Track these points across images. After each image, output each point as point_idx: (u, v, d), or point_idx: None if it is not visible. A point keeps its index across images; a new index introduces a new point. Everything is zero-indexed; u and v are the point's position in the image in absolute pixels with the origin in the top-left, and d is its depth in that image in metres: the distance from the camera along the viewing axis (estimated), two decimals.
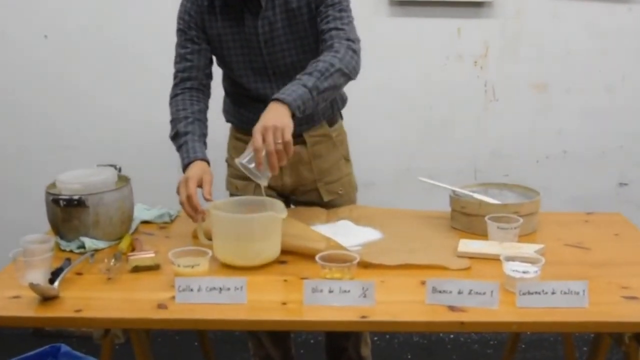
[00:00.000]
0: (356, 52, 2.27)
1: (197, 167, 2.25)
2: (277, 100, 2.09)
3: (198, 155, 2.29)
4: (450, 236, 2.32)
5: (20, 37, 3.49)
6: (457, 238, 2.26)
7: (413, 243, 2.25)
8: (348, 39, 2.26)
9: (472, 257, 2.11)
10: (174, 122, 2.39)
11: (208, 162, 2.30)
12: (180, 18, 2.43)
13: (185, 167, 2.28)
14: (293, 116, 2.08)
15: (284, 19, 2.35)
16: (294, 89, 2.12)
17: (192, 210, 2.17)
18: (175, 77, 2.47)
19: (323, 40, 2.29)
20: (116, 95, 3.53)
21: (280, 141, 2.01)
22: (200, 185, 2.20)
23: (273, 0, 2.33)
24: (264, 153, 2.01)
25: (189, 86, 2.44)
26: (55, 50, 3.49)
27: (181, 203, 2.18)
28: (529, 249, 2.11)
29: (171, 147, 2.38)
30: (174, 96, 2.45)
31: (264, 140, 2.01)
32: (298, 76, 2.17)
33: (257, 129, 2.03)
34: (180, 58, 2.45)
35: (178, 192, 2.19)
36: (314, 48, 2.37)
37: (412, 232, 2.37)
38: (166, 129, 2.41)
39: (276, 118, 2.04)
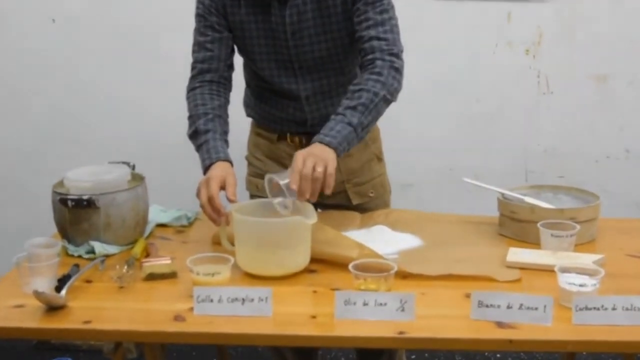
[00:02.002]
0: (399, 71, 2.30)
1: (219, 168, 2.25)
2: (323, 143, 2.15)
3: (220, 156, 2.29)
4: (498, 244, 2.31)
5: (24, 21, 3.52)
6: (506, 246, 2.26)
7: (456, 251, 2.24)
8: (391, 54, 2.29)
9: (523, 267, 2.10)
10: (192, 118, 2.40)
11: (231, 163, 2.31)
12: (200, 2, 2.43)
13: (206, 169, 2.28)
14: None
15: (315, 9, 2.35)
16: (339, 129, 2.17)
17: (215, 212, 2.18)
18: (193, 67, 2.47)
19: (362, 49, 2.31)
20: (130, 85, 3.56)
21: (320, 170, 2.06)
22: (223, 188, 2.21)
23: None
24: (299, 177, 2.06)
25: (208, 79, 2.44)
26: (63, 36, 3.53)
27: (202, 206, 2.19)
28: (586, 259, 2.10)
29: (190, 143, 2.39)
30: (191, 89, 2.45)
31: (304, 164, 2.06)
32: (341, 110, 2.21)
33: (300, 153, 2.09)
34: (199, 47, 2.46)
35: (198, 195, 2.20)
36: (346, 43, 2.38)
37: (455, 239, 2.36)
38: (184, 123, 2.42)
39: (322, 152, 2.11)
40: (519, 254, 2.17)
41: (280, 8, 2.35)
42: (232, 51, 2.49)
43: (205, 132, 2.34)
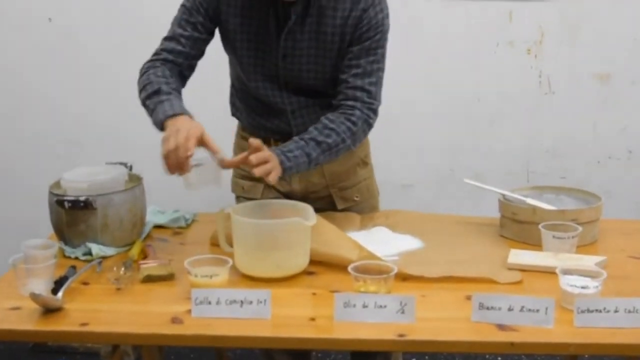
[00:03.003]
0: (371, 127, 2.38)
1: (187, 121, 2.15)
2: (278, 159, 2.19)
3: (186, 111, 2.20)
4: (500, 246, 2.31)
5: (21, 20, 3.52)
6: (507, 248, 2.26)
7: (457, 253, 2.24)
8: (370, 109, 2.33)
9: (524, 269, 2.10)
10: (152, 84, 2.28)
11: None
12: None
13: (167, 118, 2.17)
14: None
15: (312, 40, 2.33)
16: (297, 155, 2.22)
17: (179, 164, 2.09)
18: (157, 53, 2.39)
19: (344, 93, 2.33)
20: (126, 86, 3.54)
21: (267, 167, 2.12)
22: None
23: (305, 17, 2.30)
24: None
25: (169, 67, 2.36)
26: (60, 35, 3.52)
27: (166, 155, 2.10)
28: (588, 261, 2.10)
29: None
30: (153, 67, 2.35)
31: (251, 161, 2.12)
32: (307, 137, 2.26)
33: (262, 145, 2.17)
34: (172, 37, 2.38)
35: (165, 142, 2.11)
36: (335, 77, 2.37)
37: (456, 240, 2.36)
38: None
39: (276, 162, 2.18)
40: (520, 256, 2.18)
41: (276, 29, 2.32)
42: (202, 54, 2.42)
43: (169, 93, 2.25)
